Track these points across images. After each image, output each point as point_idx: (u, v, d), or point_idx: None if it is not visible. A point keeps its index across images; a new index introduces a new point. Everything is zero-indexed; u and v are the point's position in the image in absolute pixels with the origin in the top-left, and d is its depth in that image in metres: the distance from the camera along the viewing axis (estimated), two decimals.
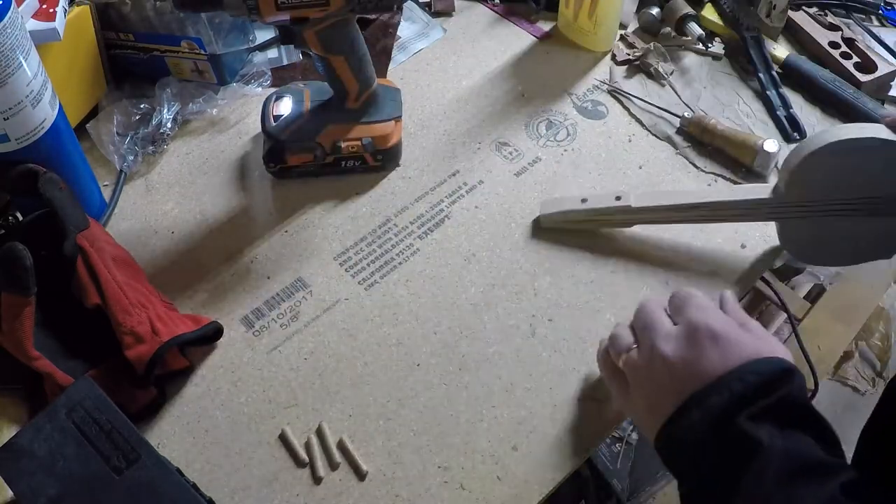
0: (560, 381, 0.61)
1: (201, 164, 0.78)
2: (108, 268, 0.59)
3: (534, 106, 0.82)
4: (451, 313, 0.66)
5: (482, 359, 0.63)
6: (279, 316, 0.66)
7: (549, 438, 0.58)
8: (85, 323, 0.59)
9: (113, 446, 0.51)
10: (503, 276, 0.68)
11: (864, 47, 0.86)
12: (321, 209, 0.74)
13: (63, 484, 0.50)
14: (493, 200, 0.74)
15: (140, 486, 0.50)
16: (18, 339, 0.56)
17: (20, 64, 0.57)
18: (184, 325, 0.60)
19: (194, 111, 0.80)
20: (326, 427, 0.59)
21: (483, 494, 0.56)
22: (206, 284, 0.68)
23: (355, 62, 0.68)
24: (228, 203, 0.74)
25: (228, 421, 0.60)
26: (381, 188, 0.75)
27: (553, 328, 0.64)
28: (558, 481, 0.57)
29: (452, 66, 0.87)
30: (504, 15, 0.93)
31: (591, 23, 0.85)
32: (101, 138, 0.76)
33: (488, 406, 0.60)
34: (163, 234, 0.72)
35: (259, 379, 0.62)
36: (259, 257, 0.70)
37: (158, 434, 0.59)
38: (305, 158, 0.73)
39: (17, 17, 0.57)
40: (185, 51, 0.79)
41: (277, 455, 0.58)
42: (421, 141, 0.79)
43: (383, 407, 0.60)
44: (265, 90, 0.81)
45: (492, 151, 0.78)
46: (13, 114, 0.59)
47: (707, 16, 0.89)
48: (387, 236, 0.71)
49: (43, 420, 0.52)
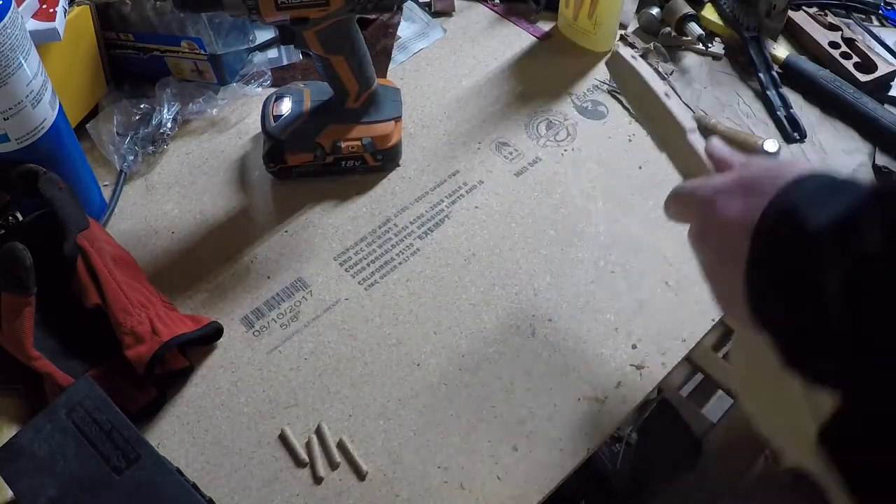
0: (560, 381, 0.61)
1: (201, 164, 0.78)
2: (108, 268, 0.59)
3: (534, 106, 0.82)
4: (451, 313, 0.66)
5: (482, 359, 0.63)
6: (279, 316, 0.66)
7: (549, 438, 0.58)
8: (85, 323, 0.59)
9: (113, 446, 0.51)
10: (503, 276, 0.68)
11: (864, 47, 0.86)
12: (321, 209, 0.73)
13: (63, 484, 0.50)
14: (493, 200, 0.74)
15: (140, 486, 0.50)
16: (18, 339, 0.56)
17: (20, 64, 0.57)
18: (184, 325, 0.60)
19: (194, 111, 0.80)
20: (326, 427, 0.59)
21: (483, 494, 0.56)
22: (206, 284, 0.68)
23: (355, 62, 0.68)
24: (228, 203, 0.74)
25: (228, 421, 0.60)
26: (381, 188, 0.75)
27: (553, 328, 0.64)
28: (558, 481, 0.57)
29: (452, 66, 0.87)
30: (504, 15, 0.93)
31: (591, 23, 0.85)
32: (101, 138, 0.76)
33: (488, 406, 0.60)
34: (163, 234, 0.72)
35: (259, 379, 0.62)
36: (259, 257, 0.70)
37: (158, 434, 0.59)
38: (305, 158, 0.73)
39: (17, 17, 0.57)
40: (185, 51, 0.79)
41: (277, 455, 0.58)
42: (421, 141, 0.79)
43: (383, 407, 0.60)
44: (265, 90, 0.81)
45: (492, 151, 0.78)
46: (13, 114, 0.59)
47: (707, 16, 0.89)
48: (387, 236, 0.71)
49: (43, 420, 0.52)
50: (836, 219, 0.35)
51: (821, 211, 0.36)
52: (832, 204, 0.36)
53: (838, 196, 0.36)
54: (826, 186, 0.38)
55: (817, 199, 0.37)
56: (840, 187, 0.38)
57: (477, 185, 0.75)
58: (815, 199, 0.37)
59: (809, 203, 0.37)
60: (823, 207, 0.36)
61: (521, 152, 0.78)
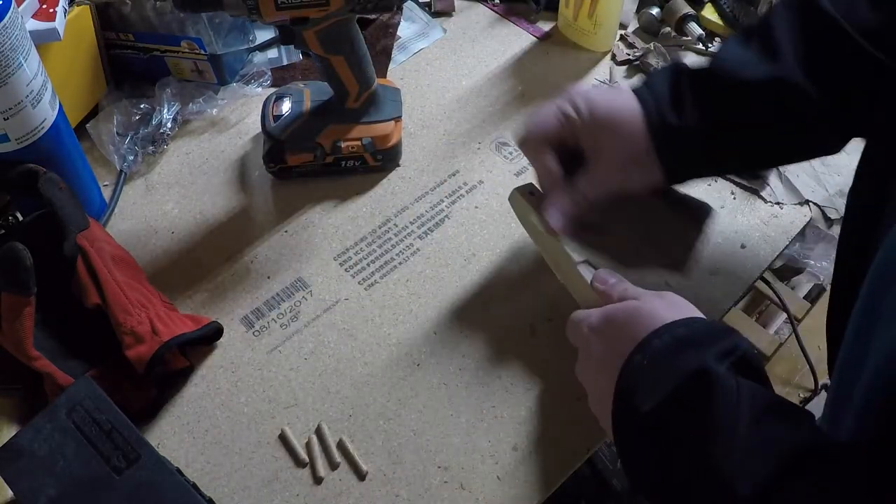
0: (560, 381, 0.61)
1: (201, 164, 0.78)
2: (108, 268, 0.59)
3: (534, 106, 0.82)
4: (451, 313, 0.66)
5: (482, 359, 0.63)
6: (279, 316, 0.66)
7: (549, 438, 0.58)
8: (85, 323, 0.59)
9: (113, 446, 0.51)
10: (503, 276, 0.68)
11: None
12: (321, 209, 0.74)
13: (63, 484, 0.50)
14: (493, 200, 0.74)
15: (140, 486, 0.50)
16: (18, 339, 0.56)
17: (20, 64, 0.57)
18: (184, 325, 0.60)
19: (194, 111, 0.80)
20: (326, 427, 0.59)
21: (483, 494, 0.56)
22: (206, 284, 0.68)
23: (355, 62, 0.68)
24: (228, 203, 0.74)
25: (228, 421, 0.60)
26: (381, 188, 0.75)
27: (553, 328, 0.64)
28: (558, 481, 0.57)
29: (452, 66, 0.87)
30: (504, 15, 0.93)
31: (591, 23, 0.85)
32: (101, 138, 0.76)
33: (488, 406, 0.60)
34: (163, 234, 0.72)
35: (259, 379, 0.62)
36: (259, 257, 0.70)
37: (158, 434, 0.59)
38: (305, 158, 0.73)
39: (17, 17, 0.57)
40: (185, 51, 0.79)
41: (277, 455, 0.58)
42: (421, 141, 0.79)
43: (383, 407, 0.60)
44: (265, 90, 0.81)
45: (492, 151, 0.78)
46: (13, 114, 0.59)
47: (707, 16, 0.89)
48: (387, 236, 0.71)
49: (43, 420, 0.52)
50: (653, 410, 0.44)
51: (647, 396, 0.44)
52: (660, 385, 0.44)
53: (671, 370, 0.45)
54: (668, 349, 0.46)
55: (648, 378, 0.45)
56: (687, 344, 0.46)
57: (477, 185, 0.75)
58: (647, 380, 0.45)
59: (642, 385, 0.45)
60: (650, 391, 0.44)
61: (520, 152, 0.78)
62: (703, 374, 0.43)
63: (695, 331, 0.46)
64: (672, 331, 0.46)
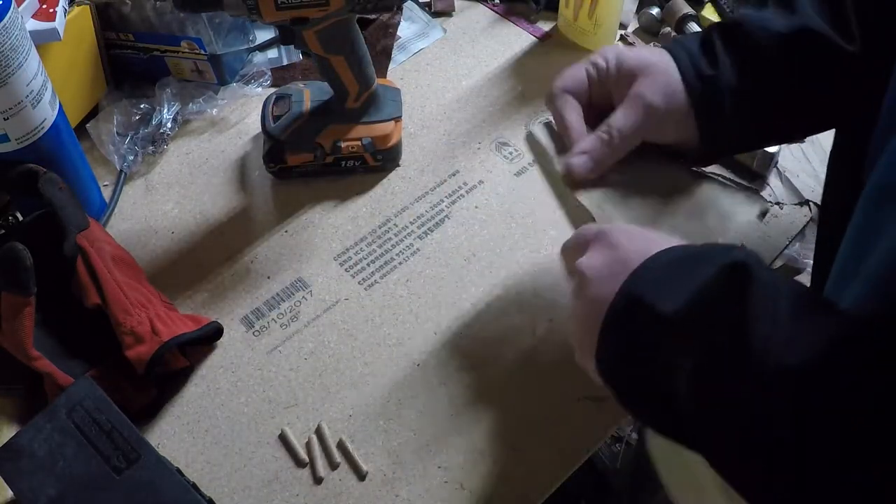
0: (560, 381, 0.61)
1: (201, 164, 0.78)
2: (108, 268, 0.59)
3: (534, 106, 0.82)
4: (451, 313, 0.66)
5: (482, 359, 0.63)
6: (279, 316, 0.66)
7: (549, 438, 0.58)
8: (85, 323, 0.59)
9: (113, 446, 0.51)
10: (503, 276, 0.68)
11: None
12: (321, 209, 0.74)
13: (63, 484, 0.50)
14: (493, 200, 0.74)
15: (140, 486, 0.50)
16: (18, 338, 0.56)
17: (20, 64, 0.57)
18: (184, 325, 0.60)
19: (194, 111, 0.80)
20: (326, 427, 0.59)
21: (483, 494, 0.56)
22: (206, 284, 0.68)
23: (355, 62, 0.68)
24: (228, 203, 0.74)
25: (228, 421, 0.60)
26: (381, 188, 0.75)
27: (553, 328, 0.64)
28: (558, 481, 0.57)
29: (452, 66, 0.87)
30: (504, 15, 0.93)
31: (591, 23, 0.85)
32: (101, 138, 0.76)
33: (488, 406, 0.60)
34: (163, 234, 0.72)
35: (259, 379, 0.62)
36: (259, 257, 0.70)
37: (158, 434, 0.59)
38: (305, 158, 0.73)
39: (17, 17, 0.57)
40: (185, 51, 0.79)
41: (277, 455, 0.58)
42: (421, 141, 0.79)
43: (383, 407, 0.60)
44: (265, 90, 0.81)
45: (492, 151, 0.78)
46: (13, 114, 0.59)
47: (707, 16, 0.89)
48: (387, 236, 0.71)
49: (43, 420, 0.53)
50: (679, 311, 0.39)
51: (666, 298, 0.40)
52: (682, 285, 0.40)
53: (683, 278, 0.41)
54: (673, 264, 0.43)
55: (663, 281, 0.42)
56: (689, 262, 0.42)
57: (477, 185, 0.75)
58: (663, 283, 0.42)
59: (657, 289, 0.41)
60: (670, 292, 0.41)
61: (521, 152, 0.78)
62: (737, 267, 0.39)
63: (703, 245, 0.44)
64: (677, 249, 0.43)
